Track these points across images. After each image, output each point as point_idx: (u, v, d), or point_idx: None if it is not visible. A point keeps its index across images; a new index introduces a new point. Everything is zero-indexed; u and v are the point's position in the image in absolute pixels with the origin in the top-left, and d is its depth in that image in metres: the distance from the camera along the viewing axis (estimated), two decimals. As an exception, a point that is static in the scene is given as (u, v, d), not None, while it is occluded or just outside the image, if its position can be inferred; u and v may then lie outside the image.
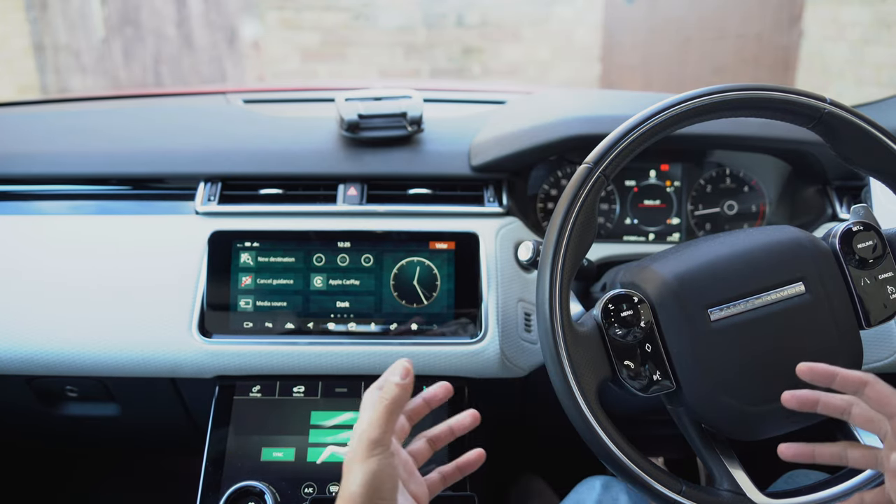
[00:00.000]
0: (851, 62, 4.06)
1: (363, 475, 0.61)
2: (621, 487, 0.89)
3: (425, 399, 0.74)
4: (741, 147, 1.16)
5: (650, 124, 0.77)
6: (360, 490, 0.60)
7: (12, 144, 1.18)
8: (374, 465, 0.61)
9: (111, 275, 1.02)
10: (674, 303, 0.76)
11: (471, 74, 4.93)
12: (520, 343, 1.01)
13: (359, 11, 4.77)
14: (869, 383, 0.66)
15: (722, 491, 0.74)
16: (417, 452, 0.73)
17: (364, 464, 0.61)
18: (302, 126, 1.21)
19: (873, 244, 0.81)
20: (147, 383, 1.03)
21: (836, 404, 0.69)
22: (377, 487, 0.61)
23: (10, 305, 1.01)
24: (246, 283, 1.02)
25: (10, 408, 1.15)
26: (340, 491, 0.62)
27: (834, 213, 1.15)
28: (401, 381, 0.65)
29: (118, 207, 1.13)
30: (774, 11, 4.61)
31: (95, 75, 4.89)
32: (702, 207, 1.19)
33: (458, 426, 0.75)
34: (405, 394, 0.65)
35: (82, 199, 1.14)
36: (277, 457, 0.94)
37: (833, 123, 0.79)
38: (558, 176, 1.17)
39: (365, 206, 1.09)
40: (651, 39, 4.74)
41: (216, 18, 4.82)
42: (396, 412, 0.64)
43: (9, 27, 4.66)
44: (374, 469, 0.61)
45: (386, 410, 0.63)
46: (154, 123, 1.26)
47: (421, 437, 0.74)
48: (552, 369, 0.73)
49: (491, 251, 1.04)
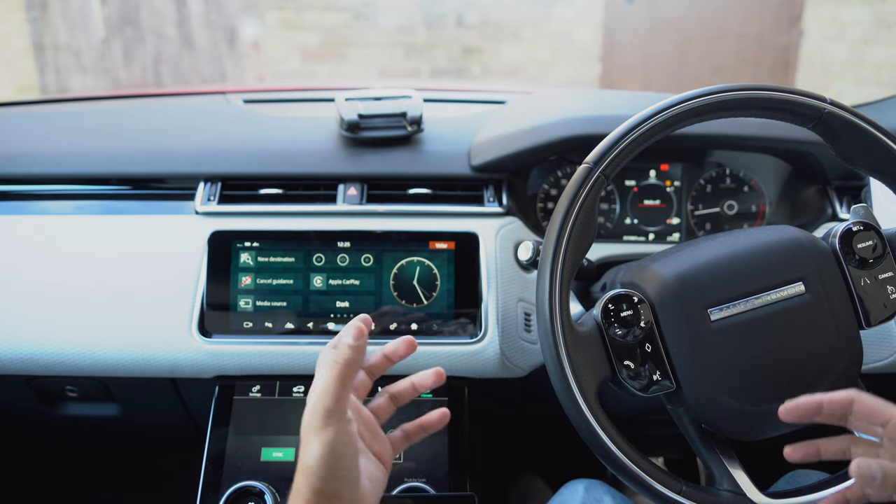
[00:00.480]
0: (851, 62, 4.06)
1: (320, 446, 0.58)
2: (605, 489, 0.88)
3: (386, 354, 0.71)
4: (741, 147, 1.16)
5: (650, 124, 0.77)
6: (317, 463, 0.58)
7: (12, 144, 1.18)
8: (330, 435, 0.58)
9: (111, 275, 1.02)
10: (674, 303, 0.76)
11: (471, 74, 4.93)
12: (520, 343, 1.01)
13: (359, 11, 4.77)
14: (855, 401, 0.66)
15: (722, 491, 0.74)
16: (380, 409, 0.70)
17: (320, 433, 0.58)
18: (302, 126, 1.21)
19: (873, 244, 0.81)
20: (147, 383, 1.03)
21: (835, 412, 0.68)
22: (336, 458, 0.58)
23: (10, 305, 1.01)
24: (246, 282, 1.02)
25: (10, 408, 1.15)
26: (298, 463, 0.60)
27: (834, 213, 1.15)
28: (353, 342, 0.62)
29: (118, 207, 1.13)
30: (774, 11, 4.61)
31: (95, 75, 4.89)
32: (702, 207, 1.19)
33: (419, 382, 0.71)
34: (358, 356, 0.62)
35: (82, 198, 1.14)
36: (277, 457, 0.94)
37: (833, 123, 0.79)
38: (558, 176, 1.17)
39: (365, 205, 1.09)
40: (651, 39, 4.74)
41: (216, 18, 4.82)
42: (350, 375, 0.61)
43: (9, 27, 4.66)
44: (330, 439, 0.58)
45: (339, 375, 0.60)
46: (154, 123, 1.26)
47: (383, 393, 0.71)
48: (552, 369, 0.73)
49: (491, 251, 1.04)
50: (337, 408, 0.59)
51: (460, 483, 0.94)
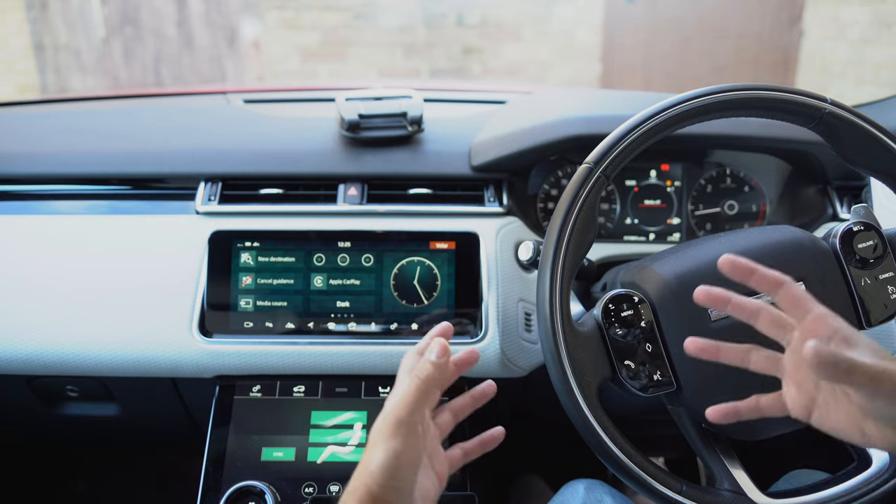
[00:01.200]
0: (851, 62, 4.06)
1: (384, 453, 0.59)
2: (605, 489, 0.88)
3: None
4: (741, 147, 1.16)
5: (650, 124, 0.77)
6: (378, 468, 0.59)
7: (12, 144, 1.18)
8: (396, 445, 0.59)
9: (111, 275, 1.02)
10: (674, 303, 0.76)
11: (471, 74, 4.93)
12: (520, 343, 1.01)
13: (359, 11, 4.77)
14: (785, 284, 0.63)
15: (722, 491, 0.74)
16: (443, 425, 0.71)
17: (388, 441, 0.60)
18: (302, 126, 1.21)
19: (874, 244, 0.81)
20: (147, 383, 1.03)
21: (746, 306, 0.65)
22: (396, 468, 0.59)
23: (11, 305, 1.01)
24: (246, 282, 1.02)
25: (10, 408, 1.15)
26: (360, 465, 0.61)
27: (834, 213, 1.15)
28: (436, 359, 0.63)
29: (118, 207, 1.13)
30: (774, 11, 4.61)
31: (95, 75, 4.89)
32: (702, 207, 1.19)
33: (478, 395, 0.72)
34: (439, 374, 0.63)
35: (82, 198, 1.14)
36: (277, 457, 0.94)
37: (833, 123, 0.79)
38: (558, 176, 1.17)
39: (365, 205, 1.09)
40: (651, 39, 4.74)
41: (216, 18, 4.82)
42: (428, 392, 0.62)
43: (9, 27, 4.66)
44: (396, 449, 0.59)
45: (417, 390, 0.61)
46: (154, 123, 1.25)
47: (445, 410, 0.72)
48: (552, 369, 0.73)
49: (491, 251, 1.04)
50: (409, 420, 0.61)
51: (460, 483, 0.94)
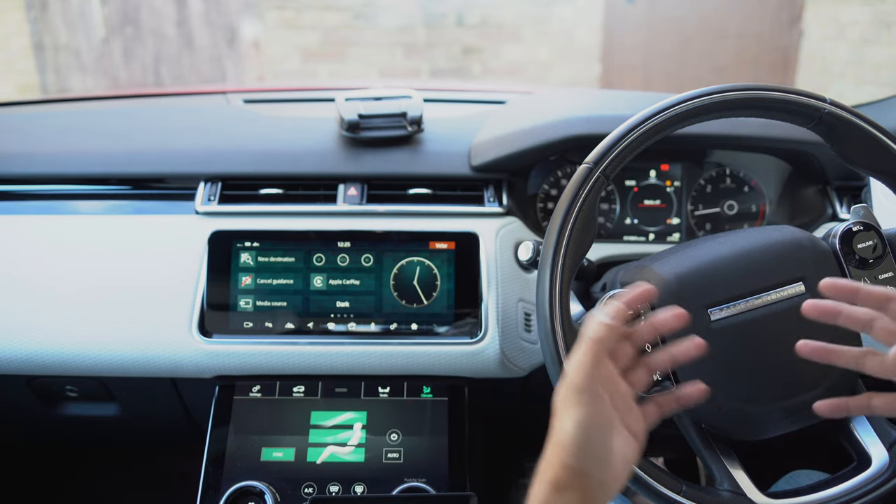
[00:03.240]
0: (851, 62, 4.06)
1: (571, 425, 0.59)
2: None
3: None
4: (741, 147, 1.16)
5: (650, 124, 0.77)
6: (569, 439, 0.58)
7: (12, 144, 1.18)
8: (581, 415, 0.59)
9: (111, 275, 1.02)
10: (674, 303, 0.76)
11: (471, 74, 4.93)
12: (520, 343, 1.01)
13: (359, 11, 4.77)
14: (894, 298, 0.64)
15: (722, 491, 0.74)
16: (637, 381, 0.67)
17: (572, 410, 0.59)
18: (302, 126, 1.21)
19: (873, 244, 0.81)
20: (147, 383, 1.03)
21: (858, 317, 0.66)
22: (587, 437, 0.58)
23: (10, 305, 1.01)
24: (246, 282, 1.02)
25: (10, 408, 1.15)
26: (552, 435, 0.60)
27: (834, 213, 1.15)
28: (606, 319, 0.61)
29: (118, 207, 1.13)
30: (774, 11, 4.61)
31: (95, 75, 4.89)
32: (702, 207, 1.19)
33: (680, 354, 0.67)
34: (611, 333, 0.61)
35: (82, 199, 1.14)
36: (277, 457, 0.94)
37: (833, 123, 0.79)
38: (558, 176, 1.17)
39: (365, 205, 1.09)
40: (651, 39, 4.74)
41: (216, 18, 4.82)
42: (602, 353, 0.61)
43: (9, 27, 4.66)
44: (581, 418, 0.58)
45: (591, 352, 0.60)
46: (154, 123, 1.25)
47: (640, 365, 0.68)
48: (552, 369, 0.73)
49: (491, 251, 1.04)
50: (587, 386, 0.59)
51: (460, 483, 0.94)
